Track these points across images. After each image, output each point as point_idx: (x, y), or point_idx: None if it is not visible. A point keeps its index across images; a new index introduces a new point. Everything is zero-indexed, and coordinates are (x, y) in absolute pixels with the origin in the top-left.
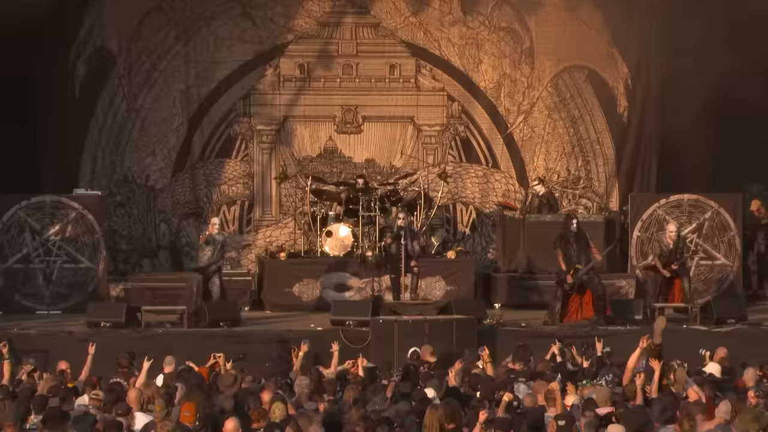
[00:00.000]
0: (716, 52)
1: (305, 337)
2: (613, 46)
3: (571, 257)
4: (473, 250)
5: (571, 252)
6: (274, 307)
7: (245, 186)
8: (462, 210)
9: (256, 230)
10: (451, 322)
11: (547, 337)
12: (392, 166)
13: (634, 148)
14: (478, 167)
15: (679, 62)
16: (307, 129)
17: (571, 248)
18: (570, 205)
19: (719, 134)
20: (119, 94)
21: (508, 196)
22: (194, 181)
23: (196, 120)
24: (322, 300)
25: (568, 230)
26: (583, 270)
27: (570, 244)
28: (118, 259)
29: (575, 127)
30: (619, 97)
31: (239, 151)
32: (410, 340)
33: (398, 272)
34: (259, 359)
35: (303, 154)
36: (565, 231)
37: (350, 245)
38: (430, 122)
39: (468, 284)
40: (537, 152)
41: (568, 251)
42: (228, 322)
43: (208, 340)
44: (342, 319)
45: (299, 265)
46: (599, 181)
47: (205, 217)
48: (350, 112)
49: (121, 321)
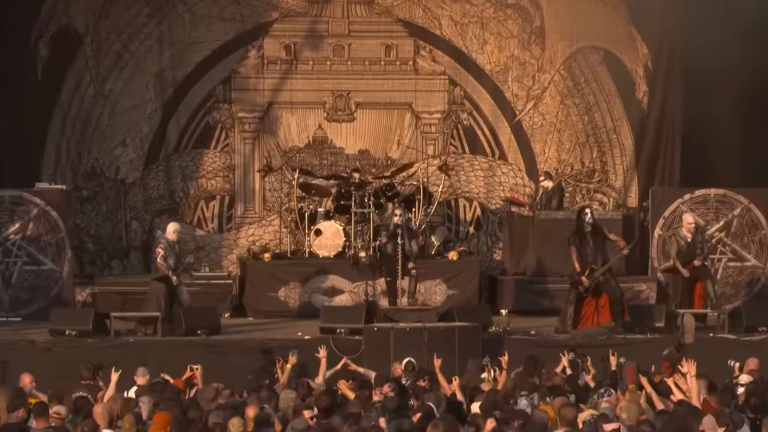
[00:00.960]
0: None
1: (292, 347)
2: (631, 24)
3: (587, 256)
4: (477, 251)
5: (587, 250)
6: (257, 313)
7: (225, 180)
8: (465, 206)
9: (238, 228)
10: (453, 330)
11: (560, 347)
12: (388, 158)
13: (655, 138)
14: (482, 159)
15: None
16: (294, 117)
17: (587, 246)
18: (584, 200)
19: (750, 123)
20: (86, 77)
21: (516, 190)
22: (169, 174)
23: (171, 107)
24: (311, 305)
25: (583, 225)
26: (600, 270)
27: (585, 241)
28: (85, 261)
29: (590, 115)
30: (638, 81)
31: (219, 141)
32: (408, 350)
33: (394, 275)
34: (241, 371)
35: (289, 144)
36: (579, 226)
37: (341, 245)
38: (430, 109)
39: (471, 288)
40: (548, 142)
41: (583, 249)
42: (206, 330)
43: (185, 349)
44: (332, 327)
45: (285, 267)
46: (616, 174)
47: (180, 214)
48: (342, 98)
49: (88, 329)
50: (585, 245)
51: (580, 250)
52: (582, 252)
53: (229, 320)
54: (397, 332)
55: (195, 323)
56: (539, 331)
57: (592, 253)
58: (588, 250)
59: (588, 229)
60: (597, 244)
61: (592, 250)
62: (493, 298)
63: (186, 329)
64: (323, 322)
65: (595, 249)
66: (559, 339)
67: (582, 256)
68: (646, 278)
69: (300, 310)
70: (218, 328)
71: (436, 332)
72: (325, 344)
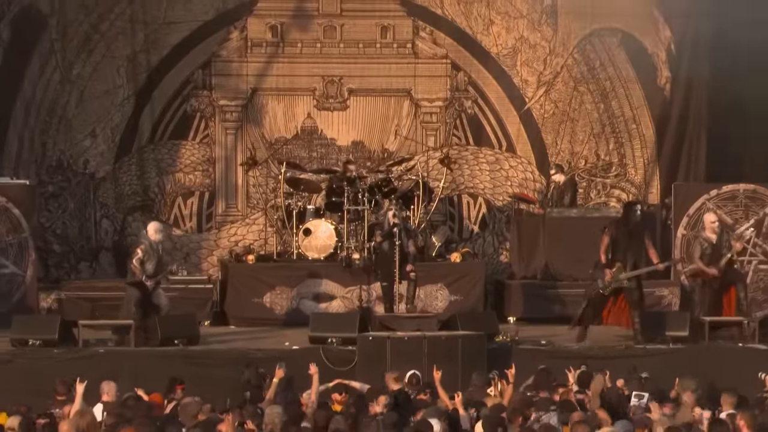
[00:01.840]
0: None
1: (278, 358)
2: (653, 4)
3: (618, 251)
4: (483, 252)
5: (619, 244)
6: (240, 321)
7: (205, 174)
8: (469, 203)
9: (219, 228)
10: (456, 340)
11: (573, 358)
12: (384, 150)
13: (679, 128)
14: (488, 151)
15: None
16: (281, 105)
17: (623, 242)
18: (599, 197)
19: None
20: (51, 61)
21: (526, 185)
22: (143, 168)
23: (144, 94)
24: (299, 313)
25: (629, 219)
26: (627, 274)
27: (623, 237)
28: (50, 263)
29: (606, 103)
30: (660, 66)
31: (198, 132)
32: (406, 362)
33: (391, 279)
34: (222, 384)
35: (276, 135)
36: (624, 219)
37: (333, 246)
38: (431, 96)
39: (476, 293)
40: (560, 132)
41: (617, 243)
42: (184, 339)
43: (160, 361)
44: (323, 336)
45: (271, 271)
46: (636, 167)
47: (156, 212)
48: (333, 85)
49: (54, 338)
50: (621, 240)
51: (614, 242)
52: (615, 245)
53: (209, 329)
54: (394, 342)
55: (172, 332)
56: (551, 340)
57: (623, 250)
58: (622, 246)
59: (631, 226)
60: (633, 243)
61: (624, 248)
62: (500, 305)
63: (162, 339)
64: (313, 331)
65: (628, 248)
66: (573, 349)
67: (613, 249)
68: (668, 282)
69: (287, 318)
70: (197, 337)
71: (437, 342)
72: (315, 355)
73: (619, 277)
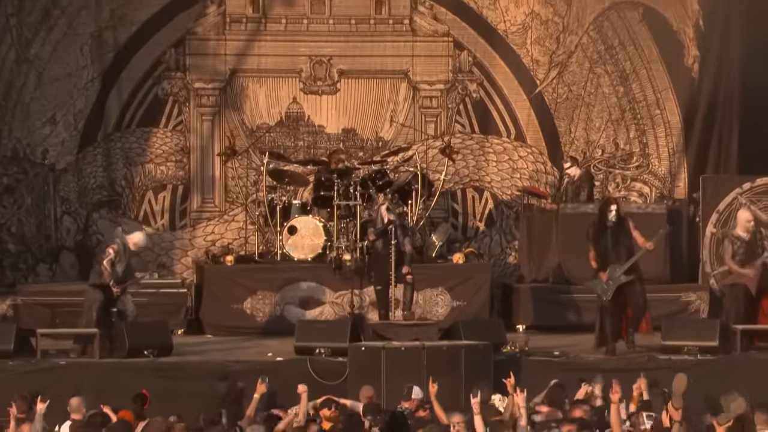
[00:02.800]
0: None
1: (260, 371)
2: None
3: (607, 253)
4: (489, 253)
5: (606, 246)
6: (217, 329)
7: (179, 165)
8: (474, 198)
9: (194, 225)
10: (459, 350)
11: (589, 370)
12: (379, 139)
13: (708, 114)
14: (495, 140)
15: None
16: (263, 88)
17: (606, 241)
18: (619, 190)
19: None
20: (6, 39)
21: (537, 178)
22: (109, 159)
23: (111, 75)
24: (283, 320)
25: (605, 219)
26: (621, 268)
27: (605, 236)
28: (5, 265)
29: (626, 86)
30: (687, 44)
31: (170, 118)
32: (403, 375)
33: (386, 282)
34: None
35: (257, 121)
36: (600, 220)
37: (321, 246)
38: (431, 79)
39: (481, 298)
40: (574, 119)
41: (602, 245)
42: (154, 350)
43: (128, 374)
44: (310, 346)
45: (252, 273)
46: (659, 158)
47: (124, 208)
48: (322, 65)
49: (9, 348)
50: (604, 240)
51: (599, 245)
52: (600, 248)
53: (182, 338)
54: (389, 353)
55: (141, 342)
56: (564, 351)
57: (612, 249)
58: (608, 245)
59: (611, 225)
60: (620, 239)
61: (612, 246)
62: (508, 311)
63: (130, 349)
64: (299, 341)
65: (617, 245)
66: (588, 361)
67: (601, 253)
68: (696, 287)
69: (270, 326)
70: (169, 347)
71: (437, 353)
72: (301, 368)
73: (614, 275)
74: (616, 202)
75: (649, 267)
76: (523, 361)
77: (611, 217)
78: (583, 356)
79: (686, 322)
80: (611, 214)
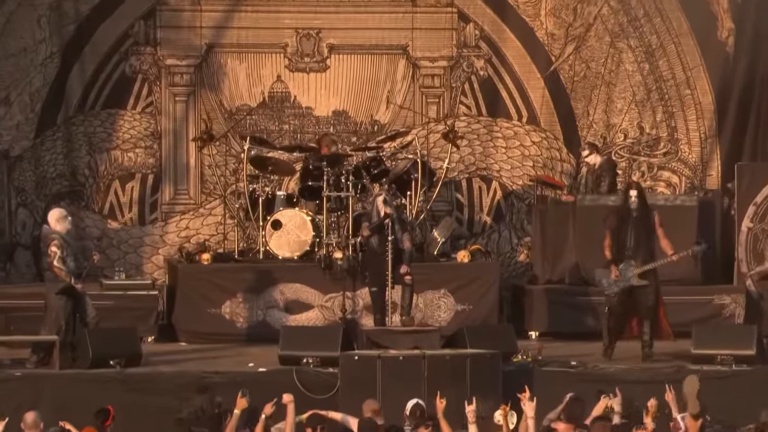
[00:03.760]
0: None
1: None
2: None
3: (624, 245)
4: (497, 250)
5: (626, 237)
6: (192, 336)
7: (148, 152)
8: (481, 188)
9: (166, 219)
10: (464, 360)
11: (609, 382)
12: (374, 122)
13: (744, 94)
14: (505, 123)
15: None
16: (244, 65)
17: (627, 232)
18: (644, 180)
19: None
20: None
21: (551, 166)
22: (70, 145)
23: (73, 51)
24: (266, 326)
25: (626, 206)
26: (638, 270)
27: (627, 227)
28: None
29: (652, 62)
30: (720, 15)
31: (140, 99)
32: (401, 388)
33: (382, 283)
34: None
35: (237, 102)
36: (622, 207)
37: (309, 242)
38: (433, 55)
39: (489, 302)
40: (593, 100)
41: (621, 235)
42: (121, 359)
43: (92, 386)
44: (296, 356)
45: (231, 274)
46: (690, 144)
47: (86, 200)
48: (310, 40)
49: None
50: (624, 231)
51: (616, 235)
52: (618, 238)
53: (153, 346)
54: (386, 363)
55: (106, 350)
56: (582, 361)
57: (632, 242)
58: (627, 237)
59: (631, 213)
60: (640, 232)
61: (632, 239)
62: (519, 316)
63: (93, 358)
64: (284, 349)
65: (637, 238)
66: (609, 372)
67: (617, 244)
68: (730, 288)
69: (251, 333)
70: (138, 356)
71: (439, 363)
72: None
73: (627, 274)
74: (638, 188)
75: (677, 266)
76: (535, 372)
77: (632, 203)
78: (602, 366)
79: (720, 328)
80: (631, 200)
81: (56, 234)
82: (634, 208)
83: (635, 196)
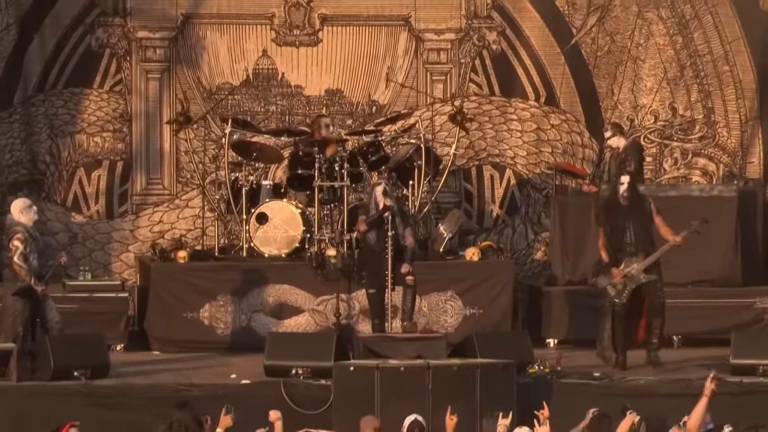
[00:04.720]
0: None
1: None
2: None
3: (623, 241)
4: (511, 247)
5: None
6: (167, 344)
7: (117, 136)
8: (493, 177)
9: (137, 212)
10: (473, 371)
11: (634, 396)
12: (372, 103)
13: None
14: (520, 104)
15: None
16: (225, 38)
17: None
18: (677, 168)
19: None
20: None
21: (572, 152)
22: (29, 128)
23: (31, 22)
24: (250, 333)
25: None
26: (641, 265)
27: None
28: None
29: (686, 35)
30: None
31: (107, 76)
32: (402, 402)
33: (381, 284)
34: None
35: (218, 81)
36: (610, 198)
37: (298, 238)
38: (438, 26)
39: (502, 305)
40: (619, 78)
41: (617, 231)
42: (87, 370)
43: (54, 400)
44: (284, 366)
45: (210, 273)
46: (729, 127)
47: (47, 190)
48: (299, 10)
49: None
50: (620, 226)
51: (613, 232)
52: (613, 234)
53: (123, 355)
54: (385, 374)
55: (70, 360)
56: (607, 371)
57: (631, 237)
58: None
59: (627, 204)
60: (636, 224)
61: (631, 233)
62: (536, 321)
63: (56, 369)
64: (270, 359)
65: (634, 232)
66: (637, 385)
67: (613, 241)
68: None
69: (233, 340)
70: (106, 367)
71: (445, 374)
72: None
73: (632, 273)
74: (629, 174)
75: (714, 265)
76: (554, 384)
77: (623, 192)
78: (630, 378)
79: (762, 334)
80: (623, 188)
81: (21, 227)
82: (626, 197)
83: (627, 182)
